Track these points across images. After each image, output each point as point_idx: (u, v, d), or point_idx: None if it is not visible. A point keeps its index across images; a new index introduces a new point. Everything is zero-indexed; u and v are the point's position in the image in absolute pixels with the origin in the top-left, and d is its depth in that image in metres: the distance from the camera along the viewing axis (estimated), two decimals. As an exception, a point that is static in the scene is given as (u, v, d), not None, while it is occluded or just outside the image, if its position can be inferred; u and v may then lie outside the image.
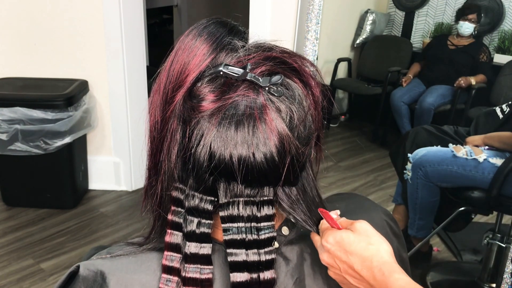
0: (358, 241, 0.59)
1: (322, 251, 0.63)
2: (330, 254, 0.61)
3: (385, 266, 0.58)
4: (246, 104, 0.56)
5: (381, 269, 0.58)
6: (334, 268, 0.62)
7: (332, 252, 0.61)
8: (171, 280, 0.61)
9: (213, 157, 0.56)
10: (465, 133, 2.25)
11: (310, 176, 0.65)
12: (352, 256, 0.59)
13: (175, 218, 0.61)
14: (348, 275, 0.61)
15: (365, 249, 0.59)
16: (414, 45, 3.89)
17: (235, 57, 0.59)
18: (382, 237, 0.60)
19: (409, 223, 2.26)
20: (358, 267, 0.59)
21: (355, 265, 0.59)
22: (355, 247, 0.59)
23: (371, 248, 0.59)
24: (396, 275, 0.57)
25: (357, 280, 0.60)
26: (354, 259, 0.59)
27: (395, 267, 0.58)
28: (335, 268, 0.62)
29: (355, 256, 0.59)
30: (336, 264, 0.61)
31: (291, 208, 0.63)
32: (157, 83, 0.61)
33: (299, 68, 0.60)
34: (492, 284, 2.06)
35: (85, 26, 2.62)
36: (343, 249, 0.60)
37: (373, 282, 0.58)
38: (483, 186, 1.94)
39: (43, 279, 2.15)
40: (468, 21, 3.26)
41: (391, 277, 0.57)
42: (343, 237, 0.60)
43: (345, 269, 0.60)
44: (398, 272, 0.58)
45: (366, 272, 0.58)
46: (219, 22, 0.61)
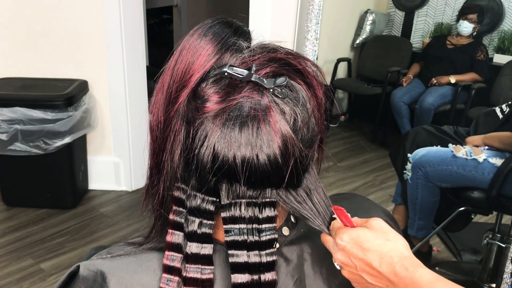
0: (375, 238, 0.58)
1: (336, 250, 0.61)
2: (345, 252, 0.60)
3: (407, 261, 0.57)
4: (251, 105, 0.56)
5: (404, 264, 0.56)
6: (349, 267, 0.60)
7: (347, 250, 0.59)
8: (172, 280, 0.61)
9: (217, 158, 0.56)
10: (465, 133, 2.25)
11: (314, 177, 0.65)
12: (370, 253, 0.58)
13: (176, 218, 0.61)
14: (365, 273, 0.59)
15: (383, 245, 0.58)
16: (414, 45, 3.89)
17: (240, 58, 0.59)
18: (397, 233, 0.59)
19: (409, 223, 2.26)
20: (376, 264, 0.57)
21: (373, 262, 0.57)
22: (372, 244, 0.58)
23: (389, 244, 0.58)
24: (422, 270, 0.56)
25: (374, 277, 0.59)
26: (372, 256, 0.57)
27: (417, 262, 0.57)
28: (350, 267, 0.60)
29: (372, 253, 0.58)
30: (351, 262, 0.59)
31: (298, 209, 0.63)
32: (161, 82, 0.61)
33: (304, 70, 0.60)
34: (492, 284, 2.06)
35: (85, 26, 2.62)
36: (359, 246, 0.58)
37: (394, 278, 0.57)
38: (483, 186, 1.94)
39: (43, 279, 2.14)
40: (468, 20, 3.26)
41: (416, 272, 0.56)
42: (359, 234, 0.59)
43: (361, 267, 0.59)
44: (422, 267, 0.57)
45: (386, 268, 0.57)
46: (225, 23, 0.60)
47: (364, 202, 0.81)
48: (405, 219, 2.36)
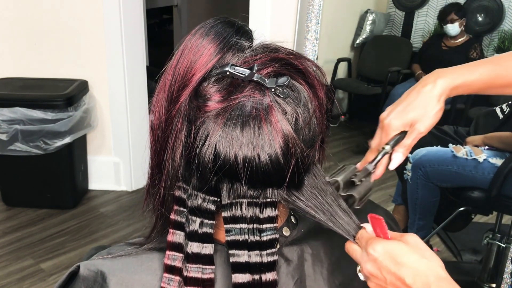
0: (411, 253, 0.56)
1: (366, 260, 0.58)
2: (377, 264, 0.57)
3: (444, 282, 0.54)
4: (252, 105, 0.56)
5: (440, 286, 0.54)
6: (377, 279, 0.57)
7: (379, 262, 0.56)
8: (173, 279, 0.61)
9: (218, 157, 0.56)
10: (465, 133, 2.25)
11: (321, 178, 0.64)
12: (404, 268, 0.55)
13: (177, 217, 0.61)
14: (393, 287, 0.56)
15: (419, 261, 0.55)
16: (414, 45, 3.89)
17: (241, 58, 0.59)
18: (433, 252, 0.57)
19: (409, 223, 2.26)
20: (410, 281, 0.54)
21: (406, 278, 0.54)
22: (408, 259, 0.55)
23: (425, 262, 0.55)
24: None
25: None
26: (406, 272, 0.55)
27: (455, 285, 0.55)
28: (378, 279, 0.57)
29: (407, 269, 0.55)
30: (381, 275, 0.56)
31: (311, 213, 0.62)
32: (162, 81, 0.61)
33: (305, 70, 0.60)
34: (492, 284, 2.06)
35: (85, 26, 2.62)
36: (393, 260, 0.55)
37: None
38: (483, 186, 1.94)
39: (43, 279, 2.14)
40: (450, 22, 3.27)
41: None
42: (394, 247, 0.56)
43: (392, 281, 0.56)
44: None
45: (420, 286, 0.54)
46: (227, 22, 0.60)
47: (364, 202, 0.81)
48: (405, 219, 2.37)
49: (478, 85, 0.73)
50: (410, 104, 0.70)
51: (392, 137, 0.71)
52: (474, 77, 0.72)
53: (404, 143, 0.72)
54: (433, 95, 0.70)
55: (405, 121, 0.70)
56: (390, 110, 0.73)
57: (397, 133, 0.71)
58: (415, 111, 0.70)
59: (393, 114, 0.71)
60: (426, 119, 0.71)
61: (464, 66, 0.74)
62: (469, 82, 0.72)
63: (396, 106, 0.72)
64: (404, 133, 0.72)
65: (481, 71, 0.73)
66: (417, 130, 0.71)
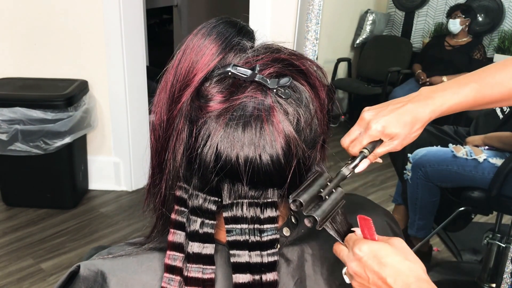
0: (395, 255, 0.57)
1: (351, 259, 0.60)
2: (361, 263, 0.58)
3: (424, 283, 0.55)
4: (254, 105, 0.56)
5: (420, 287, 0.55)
6: (360, 278, 0.59)
7: (364, 261, 0.58)
8: (173, 279, 0.61)
9: (220, 157, 0.56)
10: (465, 133, 2.25)
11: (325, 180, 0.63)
12: (386, 268, 0.56)
13: (178, 217, 0.61)
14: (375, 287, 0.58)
15: (401, 262, 0.56)
16: (414, 45, 3.89)
17: (243, 58, 0.59)
18: (416, 257, 0.58)
19: (409, 223, 2.26)
20: (390, 280, 0.56)
21: (388, 278, 0.56)
22: (391, 260, 0.57)
23: (407, 263, 0.57)
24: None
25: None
26: (388, 272, 0.56)
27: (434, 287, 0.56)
28: (362, 279, 0.59)
29: (389, 269, 0.56)
30: (365, 274, 0.58)
31: None
32: (164, 81, 0.61)
33: (307, 71, 0.60)
34: (492, 284, 2.06)
35: (85, 26, 2.62)
36: (377, 260, 0.57)
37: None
38: (483, 186, 1.94)
39: (43, 279, 2.14)
40: (452, 17, 3.29)
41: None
42: (379, 248, 0.58)
43: (374, 281, 0.57)
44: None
45: (400, 287, 0.56)
46: (229, 22, 0.60)
47: (364, 203, 0.81)
48: (405, 219, 2.37)
49: (462, 106, 0.74)
50: (400, 119, 0.70)
51: (371, 141, 0.71)
52: (459, 99, 0.73)
53: (377, 152, 0.72)
54: (421, 119, 0.71)
55: (389, 132, 0.70)
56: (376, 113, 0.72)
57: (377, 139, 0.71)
58: (402, 128, 0.70)
59: (382, 121, 0.70)
60: (406, 139, 0.72)
61: (449, 87, 0.74)
62: (454, 106, 0.73)
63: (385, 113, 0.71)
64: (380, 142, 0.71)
65: (465, 92, 0.73)
66: (393, 145, 0.71)
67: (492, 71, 0.75)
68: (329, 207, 0.61)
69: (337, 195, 0.62)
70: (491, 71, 0.75)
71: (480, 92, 0.74)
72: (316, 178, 0.62)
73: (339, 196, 0.63)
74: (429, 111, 0.71)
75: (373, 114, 0.72)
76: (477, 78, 0.75)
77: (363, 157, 0.69)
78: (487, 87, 0.74)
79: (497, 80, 0.74)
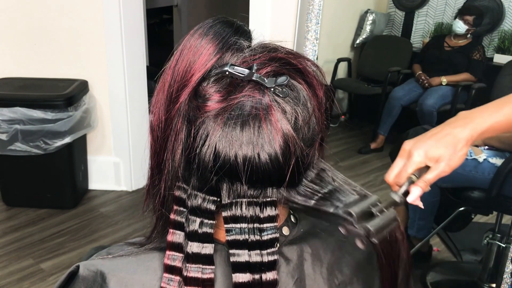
0: None
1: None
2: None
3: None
4: (252, 104, 0.56)
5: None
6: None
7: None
8: (172, 279, 0.61)
9: (218, 157, 0.56)
10: (465, 133, 2.25)
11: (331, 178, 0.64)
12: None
13: (177, 217, 0.61)
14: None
15: None
16: (414, 45, 3.89)
17: (240, 57, 0.59)
18: None
19: (409, 223, 2.26)
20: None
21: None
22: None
23: None
24: None
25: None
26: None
27: None
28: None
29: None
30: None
31: None
32: (162, 81, 0.61)
33: (304, 70, 0.61)
34: (492, 284, 2.06)
35: (85, 26, 2.62)
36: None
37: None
38: (483, 186, 1.94)
39: (43, 279, 2.15)
40: (463, 21, 3.26)
41: None
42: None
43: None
44: None
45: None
46: (225, 22, 0.60)
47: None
48: (405, 219, 2.36)
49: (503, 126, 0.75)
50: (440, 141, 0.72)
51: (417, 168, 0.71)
52: (499, 118, 0.74)
53: (426, 178, 0.72)
54: (463, 138, 0.72)
55: (432, 156, 0.71)
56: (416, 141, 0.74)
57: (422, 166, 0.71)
58: (444, 149, 0.71)
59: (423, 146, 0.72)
60: (453, 159, 0.72)
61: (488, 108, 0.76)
62: (495, 125, 0.74)
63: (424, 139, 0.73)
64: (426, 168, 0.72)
65: (506, 111, 0.75)
66: (441, 168, 0.72)
67: None
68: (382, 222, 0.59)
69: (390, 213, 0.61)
70: None
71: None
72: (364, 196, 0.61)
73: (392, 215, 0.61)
74: (469, 129, 0.73)
75: (413, 143, 0.74)
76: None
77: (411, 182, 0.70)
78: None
79: None
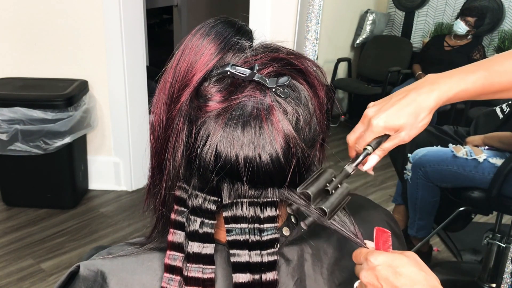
0: (410, 265, 0.57)
1: (365, 268, 0.59)
2: (374, 272, 0.58)
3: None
4: (253, 105, 0.56)
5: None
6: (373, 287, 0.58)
7: (378, 270, 0.57)
8: (173, 279, 0.61)
9: (219, 157, 0.56)
10: (465, 133, 2.25)
11: None
12: (402, 278, 0.56)
13: (178, 217, 0.61)
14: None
15: (417, 273, 0.56)
16: (414, 45, 3.89)
17: (242, 58, 0.59)
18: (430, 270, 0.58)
19: (409, 223, 2.26)
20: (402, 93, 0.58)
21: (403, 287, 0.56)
22: (407, 270, 0.56)
23: (423, 274, 0.56)
24: None
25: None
26: (404, 281, 0.56)
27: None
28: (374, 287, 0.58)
29: (405, 278, 0.56)
30: (378, 283, 0.57)
31: None
32: (163, 81, 0.61)
33: (305, 70, 0.61)
34: (492, 284, 2.06)
35: (85, 26, 2.62)
36: (392, 270, 0.57)
37: None
38: (483, 186, 1.94)
39: (43, 279, 2.14)
40: (464, 22, 3.26)
41: None
42: (395, 258, 0.57)
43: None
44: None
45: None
46: (227, 22, 0.60)
47: (364, 203, 0.81)
48: (405, 219, 2.37)
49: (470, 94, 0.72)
50: (402, 110, 0.69)
51: (375, 138, 0.70)
52: (466, 86, 0.71)
53: (384, 146, 0.71)
54: (426, 106, 0.69)
55: (393, 126, 0.69)
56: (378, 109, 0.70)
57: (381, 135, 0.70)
58: (405, 118, 0.69)
59: (383, 116, 0.69)
60: (413, 129, 0.70)
61: (456, 73, 0.72)
62: (461, 93, 0.71)
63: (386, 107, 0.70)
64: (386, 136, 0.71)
65: (473, 78, 0.71)
66: (401, 137, 0.70)
67: (501, 59, 0.74)
68: (336, 200, 0.61)
69: (343, 189, 0.63)
70: (500, 60, 0.74)
71: (489, 79, 0.72)
72: (322, 173, 0.62)
73: (345, 191, 0.63)
74: (434, 98, 0.70)
75: (375, 110, 0.71)
76: (486, 66, 0.74)
77: (366, 154, 0.69)
78: (496, 75, 0.72)
79: (506, 68, 0.73)
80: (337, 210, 0.61)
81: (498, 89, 0.74)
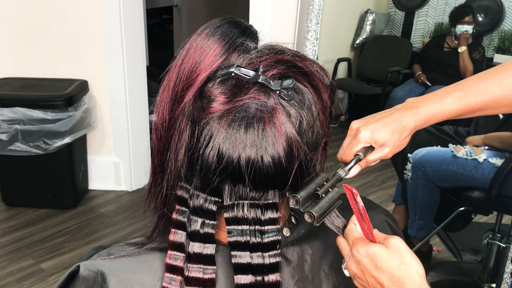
0: (391, 259, 0.57)
1: (352, 260, 0.60)
2: (360, 265, 0.59)
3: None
4: (257, 107, 0.56)
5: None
6: (361, 280, 0.60)
7: (362, 264, 0.59)
8: (174, 279, 0.61)
9: (222, 159, 0.56)
10: (465, 133, 2.25)
11: None
12: (383, 273, 0.57)
13: (179, 217, 0.61)
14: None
15: (397, 268, 0.57)
16: (414, 45, 3.89)
17: (247, 59, 0.59)
18: (415, 258, 0.58)
19: (409, 223, 2.26)
20: (388, 285, 0.57)
21: (384, 282, 0.57)
22: (387, 265, 0.57)
23: (403, 268, 0.57)
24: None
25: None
26: (384, 277, 0.57)
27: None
28: (362, 281, 0.60)
29: (385, 274, 0.57)
30: (364, 277, 0.59)
31: None
32: (167, 80, 0.61)
33: (310, 73, 0.60)
34: (492, 284, 2.06)
35: (85, 26, 2.62)
36: (374, 264, 0.58)
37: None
38: (483, 186, 1.94)
39: (43, 279, 2.14)
40: (466, 23, 3.26)
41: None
42: (375, 252, 0.58)
43: (373, 284, 0.58)
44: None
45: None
46: (233, 22, 0.60)
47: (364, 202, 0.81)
48: (405, 219, 2.37)
49: (447, 114, 0.75)
50: (388, 126, 0.71)
51: (362, 148, 0.71)
52: (443, 107, 0.74)
53: (369, 158, 0.72)
54: (408, 127, 0.72)
55: (378, 139, 0.71)
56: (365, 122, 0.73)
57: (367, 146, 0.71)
58: (391, 135, 0.71)
59: (370, 126, 0.71)
60: (397, 147, 0.73)
61: (433, 96, 0.75)
62: (439, 115, 0.74)
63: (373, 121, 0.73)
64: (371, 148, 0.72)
65: (449, 100, 0.74)
66: (385, 153, 0.73)
67: (476, 80, 0.76)
68: (326, 204, 0.62)
69: (333, 194, 0.63)
70: (474, 80, 0.76)
71: (463, 100, 0.74)
72: (313, 177, 0.63)
73: (336, 195, 0.63)
74: (414, 120, 0.73)
75: (361, 123, 0.73)
76: (460, 87, 0.76)
77: (358, 159, 0.70)
78: (470, 95, 0.74)
79: (480, 88, 0.75)
80: (327, 214, 0.62)
81: (474, 109, 0.76)
